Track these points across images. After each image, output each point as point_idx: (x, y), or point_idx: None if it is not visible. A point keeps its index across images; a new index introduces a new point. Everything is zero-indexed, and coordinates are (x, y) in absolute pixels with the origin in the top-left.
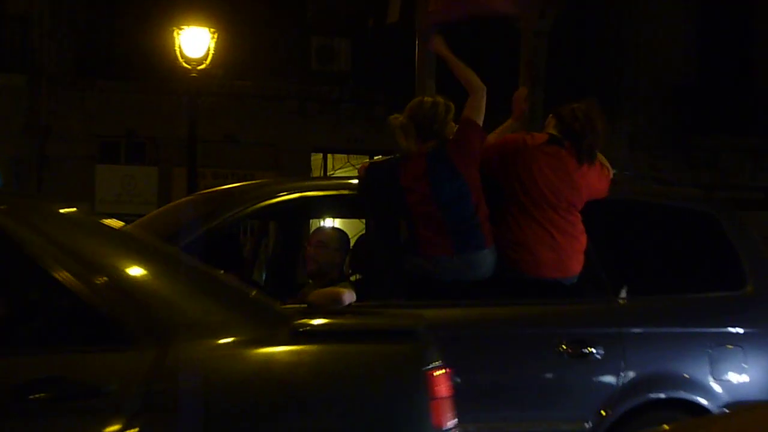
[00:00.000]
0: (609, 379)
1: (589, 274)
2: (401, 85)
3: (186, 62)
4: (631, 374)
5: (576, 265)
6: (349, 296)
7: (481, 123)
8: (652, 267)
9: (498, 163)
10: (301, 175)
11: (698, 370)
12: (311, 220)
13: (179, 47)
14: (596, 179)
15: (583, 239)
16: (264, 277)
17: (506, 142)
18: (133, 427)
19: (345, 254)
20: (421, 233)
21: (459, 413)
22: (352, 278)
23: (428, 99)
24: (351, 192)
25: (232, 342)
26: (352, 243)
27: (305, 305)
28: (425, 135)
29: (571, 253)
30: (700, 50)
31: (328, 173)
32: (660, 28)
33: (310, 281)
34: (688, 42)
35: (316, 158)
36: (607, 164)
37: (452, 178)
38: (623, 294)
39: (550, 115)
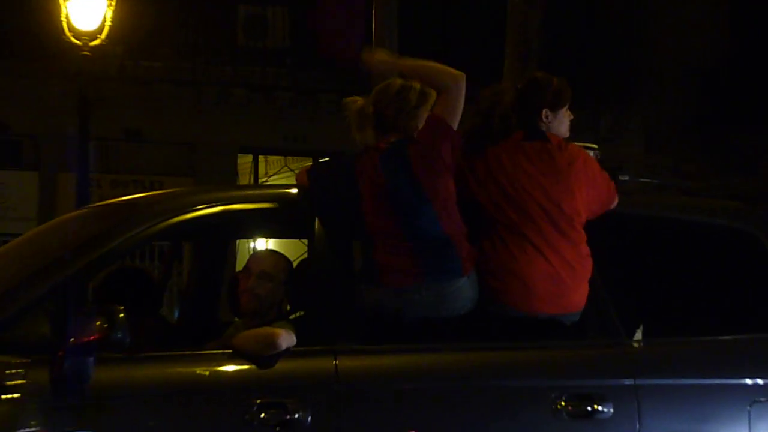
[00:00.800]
0: None
1: (594, 310)
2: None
3: (75, 37)
4: None
5: (579, 297)
6: (286, 339)
7: (455, 123)
8: (676, 300)
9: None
10: (224, 183)
11: None
12: (237, 242)
13: (66, 18)
14: (599, 180)
15: (588, 264)
16: (176, 315)
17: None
18: None
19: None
20: (381, 257)
21: None
22: (292, 316)
23: (398, 81)
24: (289, 204)
25: None
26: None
27: (228, 351)
28: (386, 126)
29: (572, 281)
30: (734, 27)
31: (259, 180)
32: None
33: (236, 319)
34: (720, 16)
35: (245, 161)
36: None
37: (410, 184)
38: (638, 335)
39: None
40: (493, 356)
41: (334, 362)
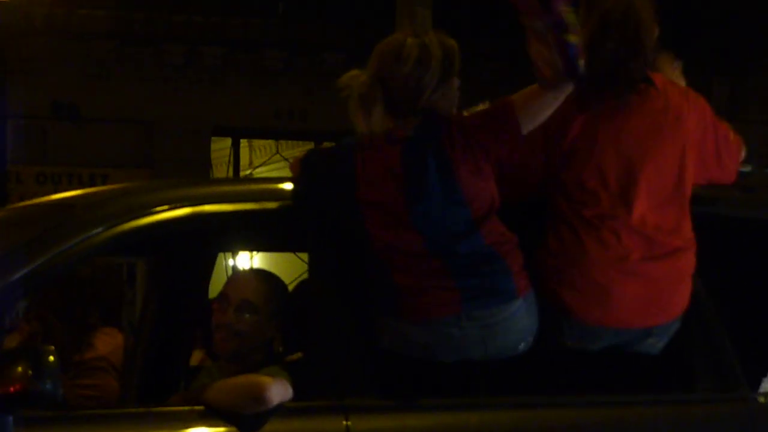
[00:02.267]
0: None
1: (707, 351)
2: (370, 18)
3: None
4: None
5: (680, 297)
6: (278, 391)
7: (527, 127)
8: None
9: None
10: (193, 176)
11: None
12: (212, 255)
13: None
14: (732, 149)
15: (692, 252)
16: (125, 352)
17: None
18: None
19: (281, 320)
20: (402, 279)
21: None
22: (288, 358)
23: (411, 41)
24: (282, 205)
25: None
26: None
27: (199, 407)
28: (402, 107)
29: (671, 279)
30: None
31: (241, 173)
32: None
33: (209, 363)
34: None
35: (221, 146)
36: (727, 128)
37: (444, 184)
38: (766, 386)
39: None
40: (562, 416)
41: (344, 423)
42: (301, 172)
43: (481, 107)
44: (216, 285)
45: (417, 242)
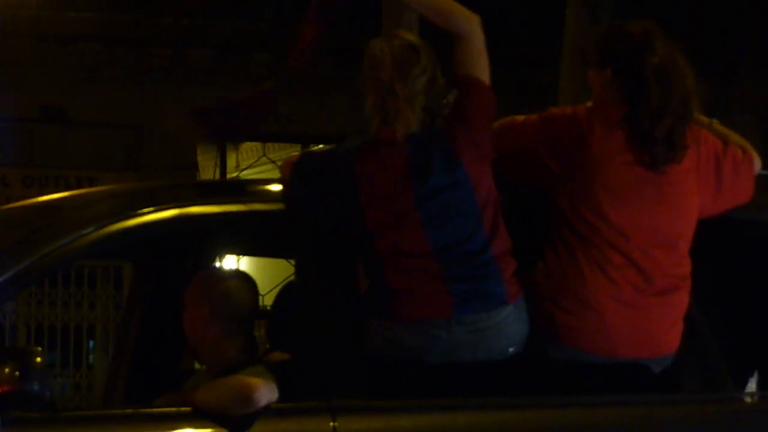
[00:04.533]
0: None
1: (693, 352)
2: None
3: None
4: None
5: (672, 336)
6: (266, 392)
7: (488, 83)
8: None
9: (532, 154)
10: (180, 178)
11: None
12: (199, 259)
13: None
14: (730, 171)
15: (686, 291)
16: (112, 356)
17: (557, 119)
18: None
19: (245, 319)
20: (395, 281)
21: None
22: (269, 357)
23: (397, 42)
24: (270, 207)
25: None
26: (270, 296)
27: (186, 408)
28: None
29: (665, 314)
30: None
31: (228, 175)
32: None
33: (198, 366)
34: None
35: (208, 149)
36: (740, 140)
37: (455, 180)
38: (752, 386)
39: (593, 48)
40: (550, 417)
41: (331, 424)
42: (292, 174)
43: (450, 98)
44: None
45: (421, 242)
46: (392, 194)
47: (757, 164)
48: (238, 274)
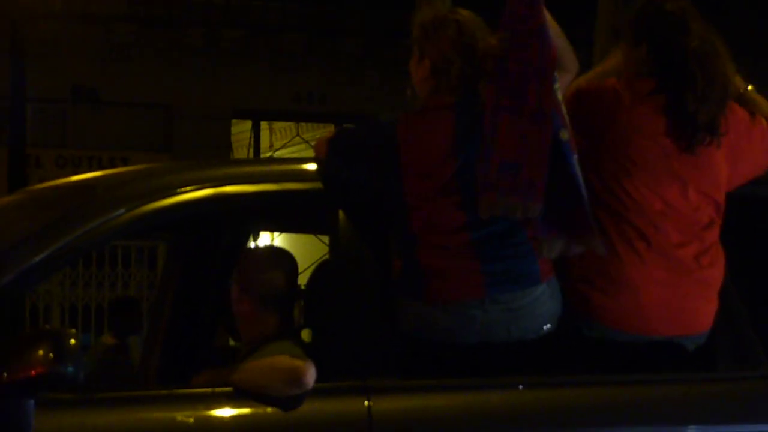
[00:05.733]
0: None
1: (728, 331)
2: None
3: None
4: None
5: (706, 313)
6: (313, 374)
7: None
8: None
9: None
10: (214, 158)
11: None
12: (233, 238)
13: None
14: (758, 143)
15: (720, 267)
16: (145, 336)
17: (584, 94)
18: None
19: (280, 296)
20: (428, 259)
21: None
22: (304, 334)
23: (451, 17)
24: (304, 185)
25: None
26: (305, 275)
27: (227, 389)
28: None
29: (698, 292)
30: None
31: (262, 154)
32: None
33: (233, 343)
34: None
35: (241, 129)
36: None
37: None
38: None
39: (627, 24)
40: (584, 395)
41: (366, 404)
42: (328, 150)
43: None
44: None
45: (458, 215)
46: (435, 161)
47: None
48: (275, 251)
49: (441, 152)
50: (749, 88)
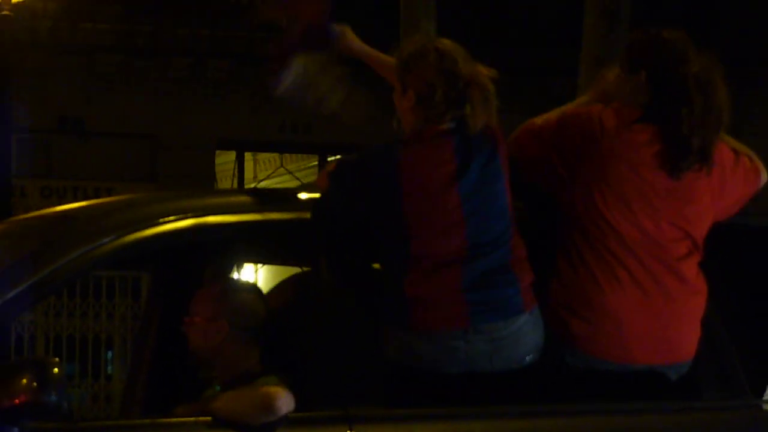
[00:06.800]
0: None
1: (710, 359)
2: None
3: None
4: None
5: (689, 342)
6: (286, 401)
7: None
8: None
9: (546, 161)
10: (197, 188)
11: None
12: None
13: None
14: (741, 181)
15: (703, 296)
16: (130, 366)
17: (569, 118)
18: None
19: (261, 329)
20: (413, 288)
21: None
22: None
23: (431, 47)
24: (289, 216)
25: None
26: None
27: (206, 418)
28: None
29: (680, 320)
30: None
31: (246, 185)
32: None
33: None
34: None
35: (225, 160)
36: (747, 151)
37: (493, 176)
38: None
39: (624, 53)
40: (567, 425)
41: None
42: (330, 182)
43: None
44: None
45: (458, 241)
46: (438, 186)
47: (764, 177)
48: (251, 287)
49: (443, 178)
50: (721, 132)
